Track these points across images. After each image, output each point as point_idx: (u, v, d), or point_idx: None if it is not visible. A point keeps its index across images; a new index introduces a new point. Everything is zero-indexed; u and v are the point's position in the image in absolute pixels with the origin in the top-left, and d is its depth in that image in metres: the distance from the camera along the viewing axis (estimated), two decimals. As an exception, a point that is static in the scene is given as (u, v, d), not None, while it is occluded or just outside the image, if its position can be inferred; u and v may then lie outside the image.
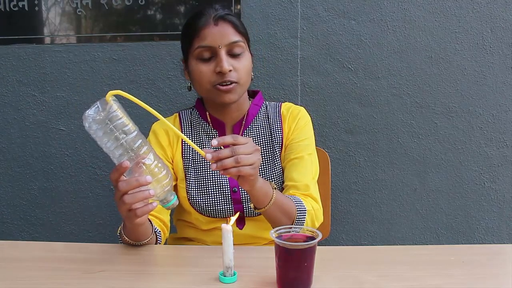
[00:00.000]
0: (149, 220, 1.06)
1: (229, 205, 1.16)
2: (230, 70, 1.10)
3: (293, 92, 1.72)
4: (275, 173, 1.19)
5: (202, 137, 1.22)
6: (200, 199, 1.16)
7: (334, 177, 1.74)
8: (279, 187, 1.19)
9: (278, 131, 1.22)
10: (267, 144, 1.21)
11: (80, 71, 1.75)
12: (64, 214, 1.84)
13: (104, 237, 1.83)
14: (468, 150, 1.75)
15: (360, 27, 1.68)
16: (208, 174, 1.18)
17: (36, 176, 1.83)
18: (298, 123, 1.22)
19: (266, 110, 1.25)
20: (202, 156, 1.19)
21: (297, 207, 1.08)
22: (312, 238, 0.83)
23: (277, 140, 1.21)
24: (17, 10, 1.72)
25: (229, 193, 1.17)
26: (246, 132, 1.22)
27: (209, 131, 1.22)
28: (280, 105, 1.26)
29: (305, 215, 1.09)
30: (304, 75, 1.71)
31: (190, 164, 1.19)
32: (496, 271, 0.93)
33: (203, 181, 1.17)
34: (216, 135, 1.21)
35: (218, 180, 1.17)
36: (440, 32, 1.68)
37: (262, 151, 1.20)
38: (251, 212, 1.17)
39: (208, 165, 1.19)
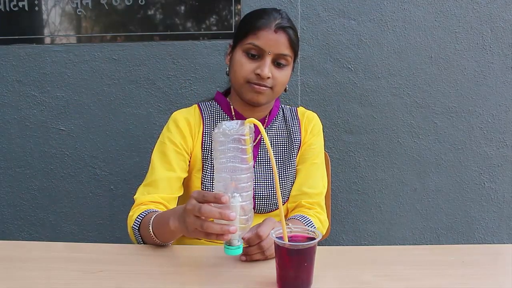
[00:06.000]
0: None
1: None
2: (269, 77, 1.13)
3: (293, 92, 1.72)
4: (290, 173, 1.22)
5: None
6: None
7: (334, 177, 1.74)
8: (291, 187, 1.22)
9: (296, 133, 1.26)
10: (285, 144, 1.25)
11: (80, 71, 1.75)
12: (64, 214, 1.84)
13: (104, 237, 1.83)
14: (468, 150, 1.75)
15: (360, 27, 1.68)
16: None
17: (36, 176, 1.83)
18: (313, 128, 1.27)
19: (283, 112, 1.29)
20: None
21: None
22: (312, 238, 0.83)
23: (296, 141, 1.25)
24: (17, 10, 1.72)
25: None
26: (267, 131, 1.24)
27: None
28: (296, 109, 1.31)
29: None
30: (304, 75, 1.71)
31: (208, 156, 1.20)
32: (496, 271, 0.93)
33: None
34: None
35: None
36: (440, 32, 1.68)
37: (280, 150, 1.24)
38: (259, 209, 1.18)
39: None
